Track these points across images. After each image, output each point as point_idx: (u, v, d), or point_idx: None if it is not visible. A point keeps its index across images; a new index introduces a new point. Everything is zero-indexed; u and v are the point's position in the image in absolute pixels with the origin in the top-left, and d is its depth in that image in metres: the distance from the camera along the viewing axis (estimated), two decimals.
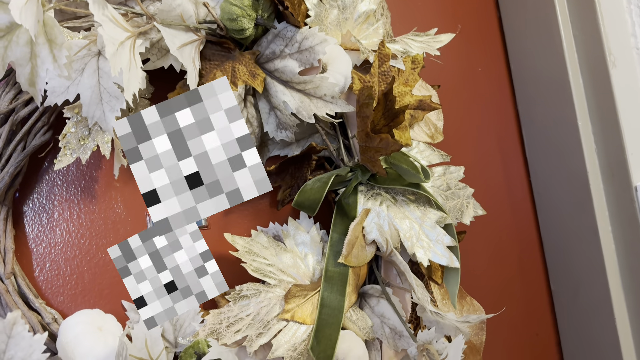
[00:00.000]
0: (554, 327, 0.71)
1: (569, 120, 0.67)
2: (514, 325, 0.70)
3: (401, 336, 0.51)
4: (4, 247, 0.48)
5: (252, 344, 0.48)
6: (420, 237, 0.54)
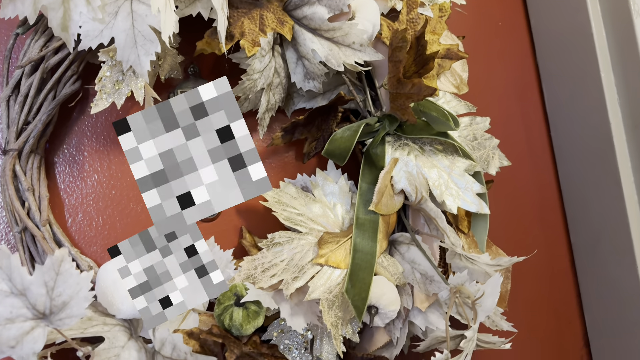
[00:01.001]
0: (573, 278, 0.72)
1: (591, 72, 0.67)
2: (533, 277, 0.70)
3: (432, 281, 0.52)
4: (38, 195, 0.48)
5: (289, 287, 0.48)
6: (449, 185, 0.54)
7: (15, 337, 0.37)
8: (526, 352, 0.68)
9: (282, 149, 0.61)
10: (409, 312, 0.53)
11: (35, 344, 0.38)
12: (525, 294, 0.70)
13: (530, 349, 0.69)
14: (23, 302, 0.37)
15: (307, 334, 0.51)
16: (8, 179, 0.46)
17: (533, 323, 0.70)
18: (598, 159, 0.68)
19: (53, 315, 0.38)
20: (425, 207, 0.52)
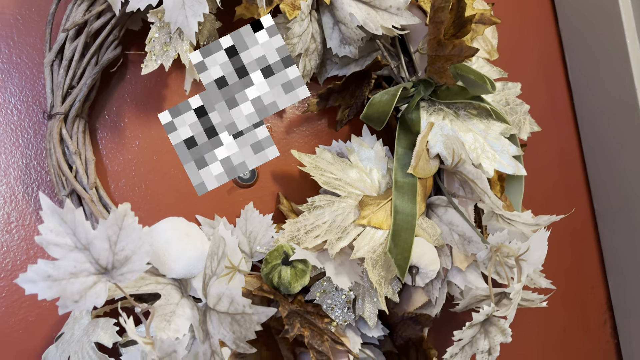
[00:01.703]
0: (597, 244, 0.73)
1: (616, 38, 0.68)
2: (557, 242, 0.71)
3: (470, 241, 0.53)
4: (84, 158, 0.48)
5: (333, 247, 0.49)
6: (485, 148, 0.55)
7: (79, 292, 0.38)
8: (550, 315, 0.70)
9: (315, 117, 0.62)
10: (447, 272, 0.54)
11: (98, 299, 0.39)
12: (549, 259, 0.71)
13: (554, 312, 0.70)
14: (86, 257, 0.38)
15: (349, 293, 0.52)
16: (55, 142, 0.47)
17: (557, 287, 0.71)
18: (622, 126, 0.69)
19: (115, 270, 0.39)
20: (462, 169, 0.53)
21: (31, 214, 0.49)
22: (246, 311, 0.41)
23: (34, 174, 0.50)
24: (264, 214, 0.55)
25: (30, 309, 0.48)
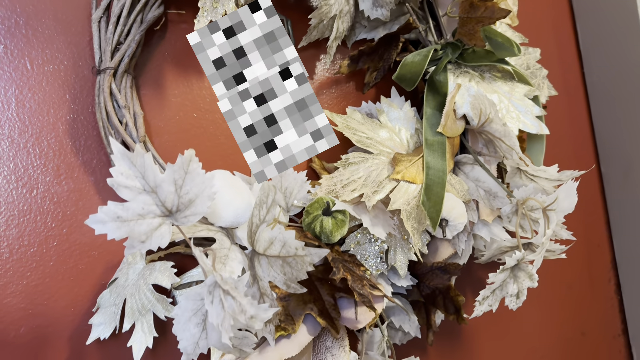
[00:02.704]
0: (603, 206, 0.77)
1: (628, 7, 0.70)
2: None
3: (496, 196, 0.56)
4: (133, 112, 0.50)
5: (370, 200, 0.52)
6: (510, 109, 0.58)
7: (146, 233, 0.40)
8: (557, 273, 0.74)
9: (343, 80, 0.64)
10: (473, 225, 0.57)
11: (162, 240, 0.41)
12: None
13: (561, 270, 0.74)
14: (153, 199, 0.40)
15: (382, 245, 0.54)
16: (106, 96, 0.48)
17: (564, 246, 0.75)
18: (628, 93, 0.72)
19: (179, 213, 0.41)
20: (489, 129, 0.56)
21: (79, 167, 0.51)
22: (298, 253, 0.43)
23: (81, 127, 0.51)
24: (298, 171, 0.57)
25: (80, 258, 0.50)
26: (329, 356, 0.53)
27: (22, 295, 0.48)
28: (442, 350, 0.66)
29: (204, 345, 0.43)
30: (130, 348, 0.50)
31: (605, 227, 0.77)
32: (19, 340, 0.47)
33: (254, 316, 0.36)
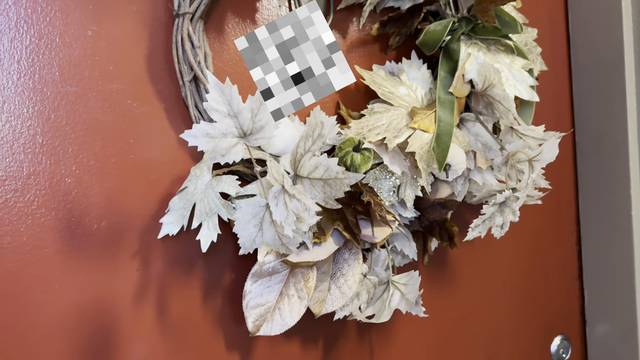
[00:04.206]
0: (574, 169, 0.90)
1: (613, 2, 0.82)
2: None
3: (490, 149, 0.68)
4: (204, 53, 0.60)
5: (391, 142, 0.63)
6: (509, 78, 0.69)
7: (226, 149, 0.51)
8: (530, 223, 0.87)
9: (370, 41, 0.74)
10: (469, 171, 0.69)
11: (237, 155, 0.52)
12: None
13: (533, 220, 0.88)
14: (234, 123, 0.51)
15: (395, 181, 0.66)
16: (184, 36, 0.58)
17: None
18: (605, 76, 0.84)
19: (251, 136, 0.52)
20: (491, 92, 0.67)
21: (153, 94, 0.61)
22: (339, 176, 0.55)
23: (156, 61, 0.61)
24: (329, 116, 0.68)
25: (151, 170, 0.61)
26: (346, 266, 0.65)
27: (104, 196, 0.58)
28: (433, 272, 0.79)
29: (259, 241, 0.55)
30: (191, 244, 0.61)
31: (574, 188, 0.91)
32: (101, 232, 0.58)
33: (312, 210, 0.48)
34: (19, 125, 0.55)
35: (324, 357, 0.70)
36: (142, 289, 0.60)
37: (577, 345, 0.92)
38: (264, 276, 0.62)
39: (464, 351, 0.81)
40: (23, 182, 0.55)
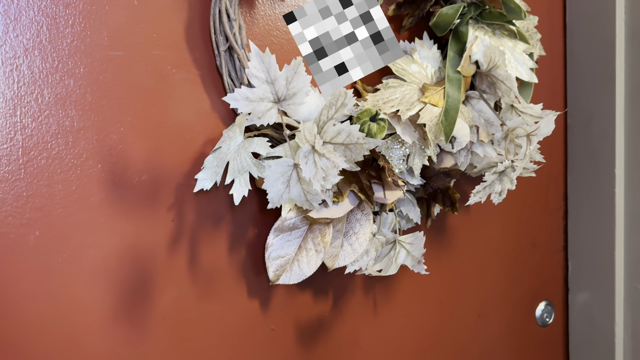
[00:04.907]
0: (564, 149, 0.98)
1: None
2: None
3: (492, 125, 0.75)
4: (239, 25, 0.66)
5: (404, 114, 0.70)
6: (511, 60, 0.76)
7: (262, 112, 0.57)
8: (521, 196, 0.95)
9: None
10: (472, 144, 0.76)
11: (271, 119, 0.58)
12: None
13: (525, 194, 0.95)
14: (270, 89, 0.57)
15: (404, 150, 0.73)
16: (222, 9, 0.64)
17: (529, 177, 0.96)
18: (597, 62, 0.91)
19: (284, 101, 0.58)
20: (494, 73, 0.74)
21: (190, 62, 0.66)
22: (359, 141, 0.61)
23: (194, 31, 0.66)
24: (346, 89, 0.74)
25: (186, 131, 0.66)
26: (358, 225, 0.72)
27: (144, 152, 0.64)
28: (433, 237, 0.86)
29: (286, 197, 0.62)
30: (220, 200, 0.68)
31: (563, 166, 0.98)
32: (141, 185, 0.64)
33: (340, 166, 0.55)
34: (72, 84, 0.60)
35: (333, 307, 0.78)
36: (176, 238, 0.66)
37: (560, 310, 1.00)
38: (285, 231, 0.69)
39: (457, 309, 0.89)
40: (74, 136, 0.61)
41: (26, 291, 0.59)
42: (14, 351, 0.59)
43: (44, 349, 0.60)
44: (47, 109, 0.59)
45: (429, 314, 0.86)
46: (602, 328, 0.95)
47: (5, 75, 0.57)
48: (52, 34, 0.59)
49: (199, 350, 0.68)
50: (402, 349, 0.84)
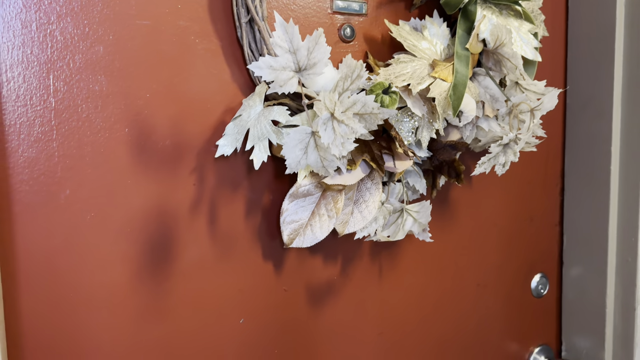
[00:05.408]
0: (562, 128, 1.02)
1: None
2: None
3: (497, 100, 0.78)
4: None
5: (415, 88, 0.73)
6: (516, 39, 0.79)
7: (284, 80, 0.61)
8: (520, 172, 0.99)
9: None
10: (477, 119, 0.80)
11: (292, 87, 0.61)
12: None
13: (524, 170, 0.99)
14: (292, 59, 0.60)
15: (414, 123, 0.77)
16: None
17: (529, 155, 1.00)
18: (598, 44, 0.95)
19: (304, 71, 0.61)
20: (501, 51, 0.77)
21: (213, 32, 0.69)
22: (374, 111, 0.65)
23: (219, 4, 0.69)
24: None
25: (207, 101, 0.70)
26: (367, 193, 0.76)
27: (168, 118, 0.67)
28: (436, 209, 0.90)
29: (304, 163, 0.65)
30: (238, 166, 0.71)
31: (562, 144, 1.02)
32: (165, 149, 0.67)
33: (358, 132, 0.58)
34: (101, 50, 0.63)
35: (341, 271, 0.82)
36: (197, 201, 0.70)
37: (554, 282, 1.05)
38: (299, 197, 0.72)
39: (457, 277, 0.93)
40: (103, 101, 0.64)
41: (58, 246, 0.62)
42: (48, 300, 0.62)
43: (75, 299, 0.64)
44: (78, 74, 0.62)
45: (431, 282, 0.90)
46: (594, 299, 0.99)
47: (39, 40, 0.60)
48: (84, 1, 0.62)
49: (216, 307, 0.72)
50: (405, 315, 0.88)
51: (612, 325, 0.98)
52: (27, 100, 0.60)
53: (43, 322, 0.62)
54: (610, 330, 0.98)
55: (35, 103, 0.60)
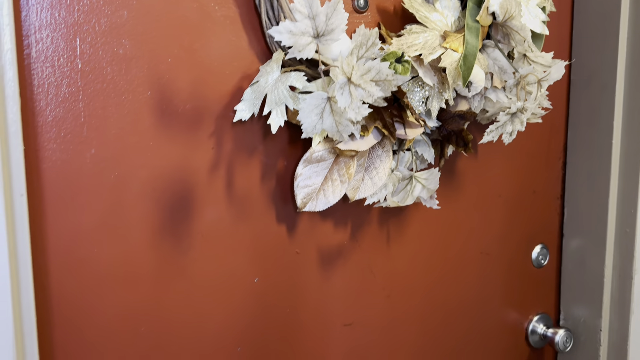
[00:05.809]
0: (566, 103, 1.04)
1: None
2: None
3: (505, 72, 0.81)
4: None
5: (427, 58, 0.75)
6: (525, 13, 0.82)
7: (303, 45, 0.63)
8: (524, 145, 1.01)
9: None
10: (486, 90, 0.82)
11: (310, 52, 0.64)
12: None
13: (528, 144, 1.02)
14: (311, 24, 0.62)
15: (424, 93, 0.79)
16: None
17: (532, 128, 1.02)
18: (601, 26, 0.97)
19: (322, 37, 0.64)
20: (510, 24, 0.80)
21: (233, 1, 0.71)
22: (388, 78, 0.67)
23: None
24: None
25: (225, 66, 0.72)
26: (378, 160, 0.79)
27: (189, 83, 0.70)
28: (443, 178, 0.93)
29: (319, 127, 0.68)
30: (254, 131, 0.74)
31: (565, 119, 1.05)
32: (186, 113, 0.70)
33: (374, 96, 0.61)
34: (125, 15, 0.65)
35: (351, 235, 0.85)
36: (215, 164, 0.72)
37: (554, 254, 1.08)
38: (313, 162, 0.75)
39: (462, 245, 0.96)
40: (126, 64, 0.66)
41: (83, 204, 0.65)
42: (72, 256, 0.65)
43: (98, 255, 0.67)
44: (103, 37, 0.64)
45: (437, 249, 0.94)
46: (592, 269, 1.03)
47: (67, 3, 0.62)
48: None
49: (231, 267, 0.75)
50: (411, 280, 0.92)
51: (609, 294, 1.01)
52: (54, 61, 0.62)
53: (68, 275, 0.65)
54: (607, 299, 1.01)
55: (62, 64, 0.63)
